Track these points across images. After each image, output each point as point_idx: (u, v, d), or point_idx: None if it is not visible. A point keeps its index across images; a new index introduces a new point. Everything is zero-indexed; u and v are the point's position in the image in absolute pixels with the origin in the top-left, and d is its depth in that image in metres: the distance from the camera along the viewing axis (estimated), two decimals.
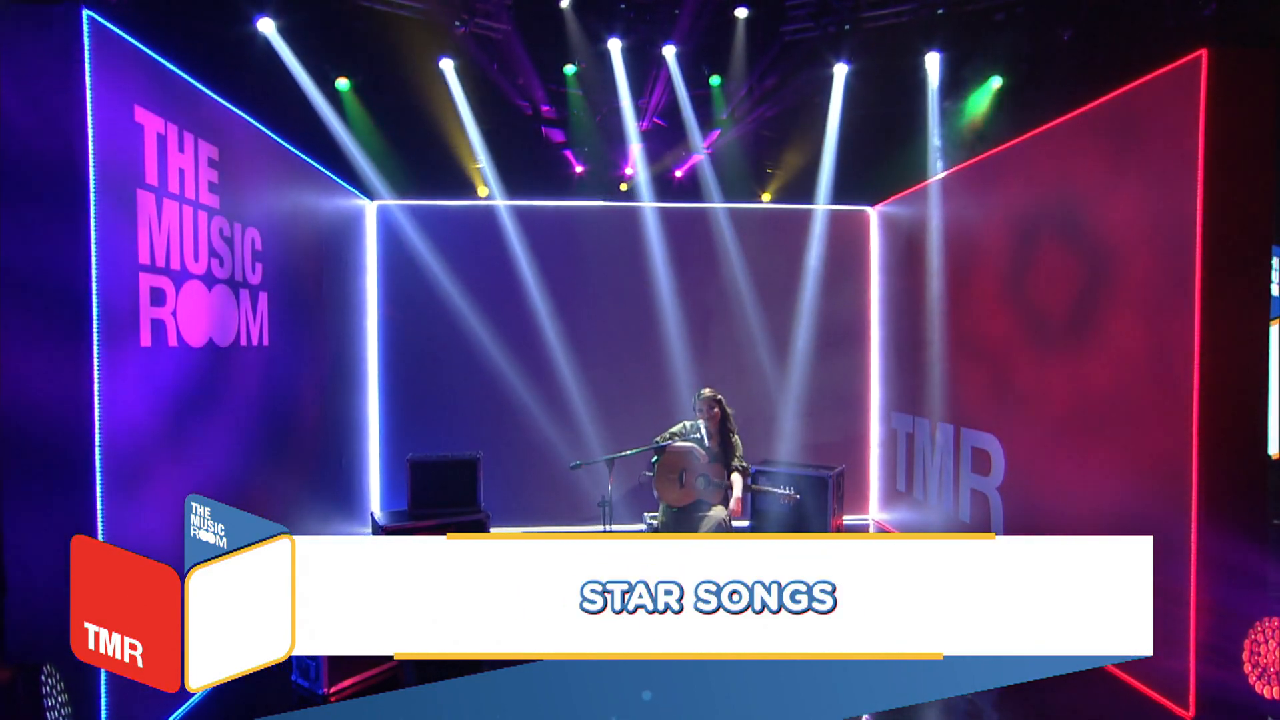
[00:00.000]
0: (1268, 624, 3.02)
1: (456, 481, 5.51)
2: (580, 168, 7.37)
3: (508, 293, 6.67)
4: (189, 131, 3.53)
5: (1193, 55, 3.25)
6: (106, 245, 2.90)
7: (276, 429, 4.58)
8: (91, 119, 2.80)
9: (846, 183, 6.76)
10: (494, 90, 6.83)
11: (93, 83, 2.81)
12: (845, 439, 6.90)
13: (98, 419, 2.87)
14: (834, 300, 6.89)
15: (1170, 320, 3.35)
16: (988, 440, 4.84)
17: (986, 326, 4.96)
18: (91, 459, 2.88)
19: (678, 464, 4.61)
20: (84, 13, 2.79)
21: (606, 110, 7.21)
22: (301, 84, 5.55)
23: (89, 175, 2.80)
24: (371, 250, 6.59)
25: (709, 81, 6.95)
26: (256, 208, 4.28)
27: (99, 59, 2.85)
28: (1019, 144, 4.54)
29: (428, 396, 6.56)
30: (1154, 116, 3.48)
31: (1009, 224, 4.67)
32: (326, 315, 5.53)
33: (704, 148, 7.21)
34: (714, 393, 4.73)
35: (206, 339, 3.69)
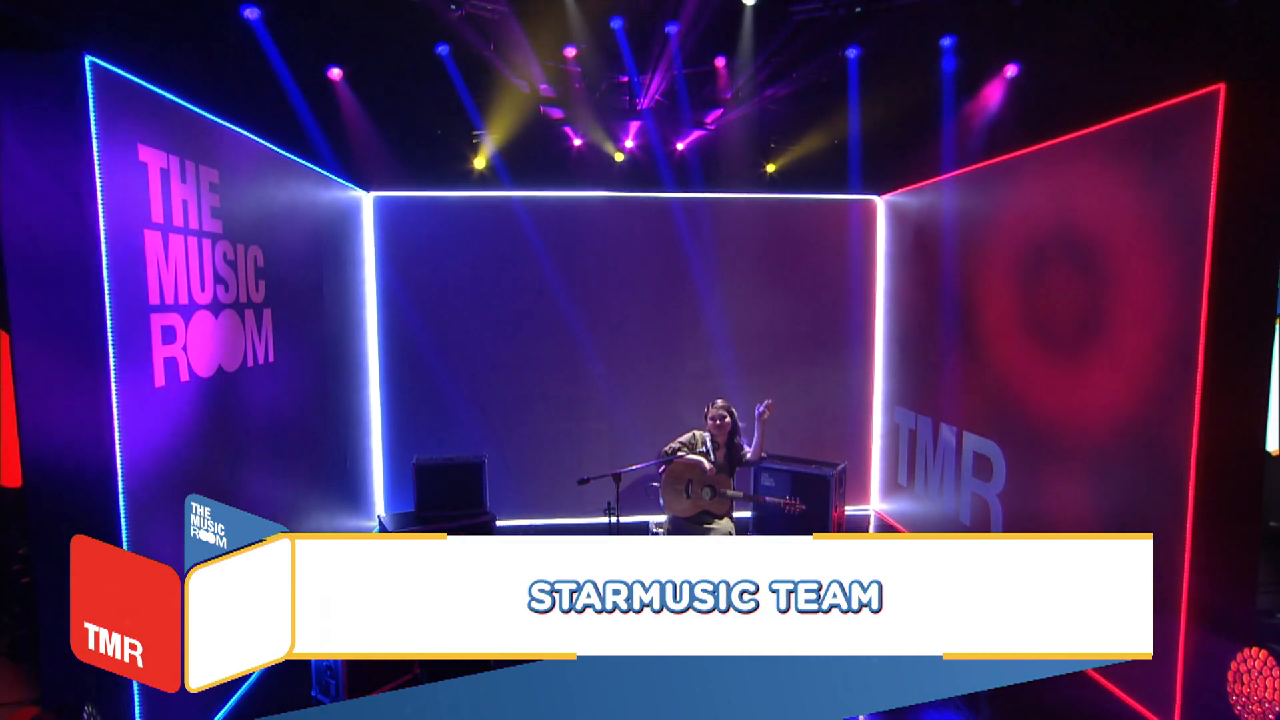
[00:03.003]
0: (1251, 654, 3.13)
1: (462, 483, 5.57)
2: (579, 140, 7.24)
3: (510, 285, 6.64)
4: (189, 160, 3.45)
5: (1210, 88, 3.21)
6: (120, 294, 2.87)
7: (284, 439, 4.61)
8: (99, 169, 2.74)
9: (854, 170, 6.67)
10: (490, 71, 6.67)
11: (98, 131, 2.74)
12: (848, 430, 6.99)
13: (119, 466, 2.89)
14: (838, 290, 6.89)
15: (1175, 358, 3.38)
16: (990, 447, 4.91)
17: (993, 333, 4.99)
18: (115, 504, 2.90)
19: (684, 475, 4.67)
20: (86, 59, 2.70)
21: (606, 86, 7.07)
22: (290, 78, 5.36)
23: (99, 228, 2.75)
24: (369, 244, 6.51)
25: (713, 61, 6.80)
26: (257, 224, 4.22)
27: (102, 104, 2.77)
28: (1034, 152, 4.50)
29: (430, 391, 6.58)
30: (1171, 141, 3.45)
31: (1020, 232, 4.66)
32: (327, 321, 5.51)
33: (708, 124, 7.10)
34: (726, 404, 4.76)
35: (215, 367, 3.68)
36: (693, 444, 4.73)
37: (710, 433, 4.72)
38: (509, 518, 6.53)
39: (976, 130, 5.40)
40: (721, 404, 4.75)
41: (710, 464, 4.63)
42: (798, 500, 4.79)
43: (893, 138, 6.45)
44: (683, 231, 6.74)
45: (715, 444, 4.71)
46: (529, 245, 6.63)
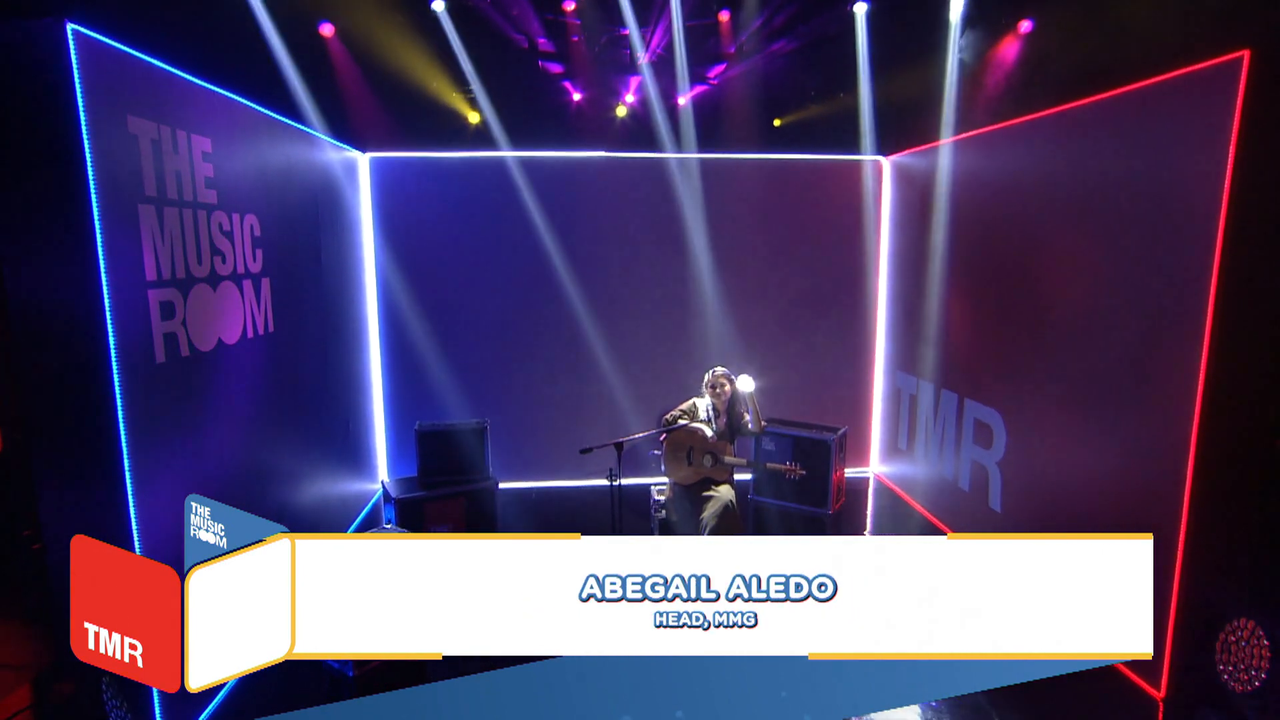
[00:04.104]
0: (1241, 624, 3.19)
1: (465, 449, 5.59)
2: (579, 95, 7.06)
3: (509, 248, 6.57)
4: (181, 129, 3.36)
5: (1234, 55, 3.10)
6: (116, 272, 2.82)
7: (287, 408, 4.61)
8: (88, 144, 2.66)
9: (860, 130, 6.52)
10: (488, 26, 6.46)
11: (85, 103, 2.65)
12: (850, 393, 7.00)
13: (124, 443, 2.88)
14: (841, 253, 6.81)
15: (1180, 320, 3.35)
16: (990, 415, 4.92)
17: (997, 300, 4.95)
18: (123, 480, 2.91)
19: (686, 442, 4.68)
20: (69, 27, 2.59)
21: (606, 40, 6.87)
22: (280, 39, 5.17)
23: (92, 204, 2.68)
24: (367, 207, 6.40)
25: (717, 14, 6.59)
26: (252, 192, 4.13)
27: (88, 74, 2.67)
28: (1047, 116, 4.39)
29: (430, 356, 6.56)
30: (1188, 110, 3.35)
31: (1030, 198, 4.58)
32: (327, 287, 5.45)
33: (710, 79, 6.92)
34: (726, 372, 4.75)
35: (215, 341, 3.65)
36: (693, 412, 4.73)
37: (710, 400, 4.72)
38: (511, 480, 6.59)
39: (988, 91, 5.26)
40: (721, 371, 4.74)
41: (711, 432, 4.64)
42: (798, 465, 4.82)
43: (902, 96, 6.28)
44: (683, 192, 6.63)
45: (716, 411, 4.72)
46: (527, 207, 6.53)
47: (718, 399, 4.71)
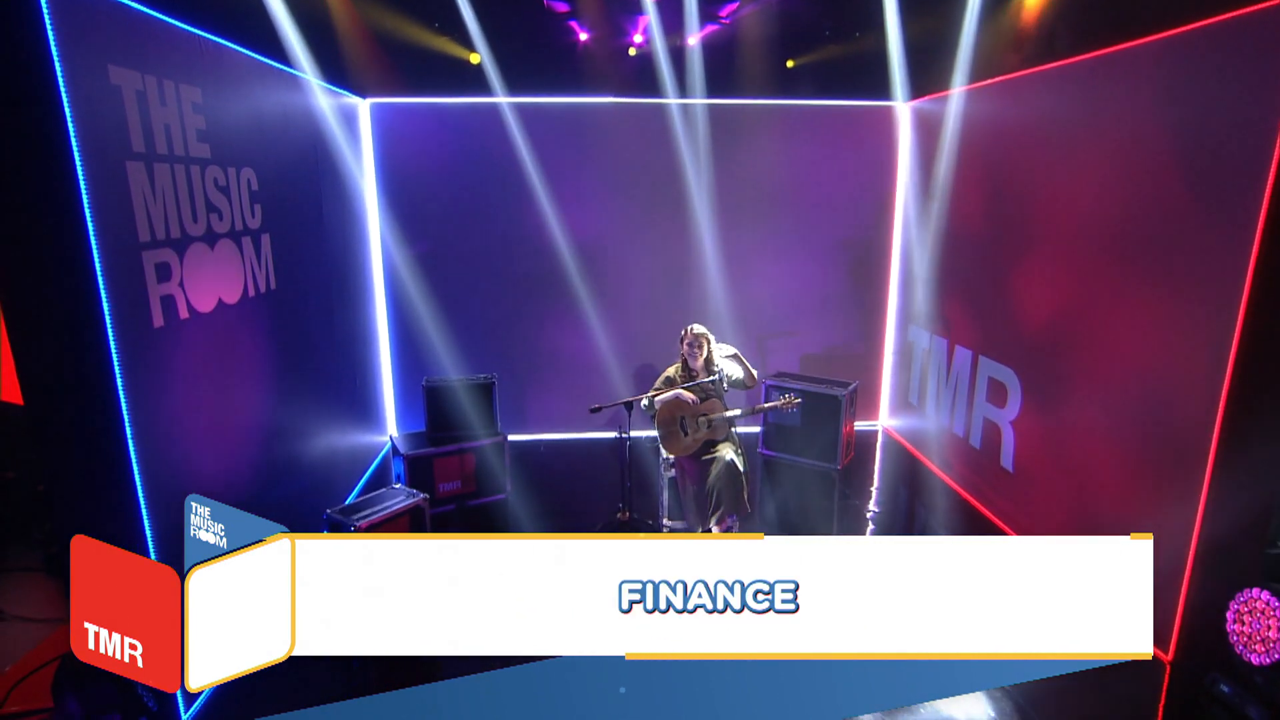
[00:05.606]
0: (1252, 595, 3.15)
1: (472, 404, 5.56)
2: (585, 34, 6.77)
3: (514, 198, 6.40)
4: (168, 79, 3.20)
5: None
6: (105, 234, 2.72)
7: (293, 365, 4.56)
8: (66, 98, 2.53)
9: (880, 74, 6.23)
10: None
11: (60, 53, 2.51)
12: (862, 347, 6.90)
13: (126, 412, 2.84)
14: (855, 202, 6.61)
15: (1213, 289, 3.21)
16: (1006, 374, 4.82)
17: (1018, 256, 4.79)
18: (126, 450, 2.87)
19: (675, 413, 4.61)
20: None
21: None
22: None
23: (75, 163, 2.57)
24: (369, 155, 6.23)
25: None
26: (248, 144, 3.99)
27: (61, 20, 2.51)
28: (1079, 62, 4.15)
29: (436, 309, 6.48)
30: (1229, 59, 3.14)
31: (1057, 150, 4.37)
32: (330, 241, 5.33)
33: (722, 17, 6.61)
34: (703, 329, 4.61)
35: (216, 301, 3.58)
36: (674, 380, 4.63)
37: (689, 360, 4.59)
38: (519, 433, 6.59)
39: (1015, 34, 4.97)
40: (699, 330, 4.58)
41: (691, 395, 4.53)
42: (794, 396, 4.78)
43: (924, 38, 5.96)
44: (698, 138, 6.41)
45: (690, 372, 4.60)
46: (533, 155, 6.33)
47: (696, 358, 4.59)
